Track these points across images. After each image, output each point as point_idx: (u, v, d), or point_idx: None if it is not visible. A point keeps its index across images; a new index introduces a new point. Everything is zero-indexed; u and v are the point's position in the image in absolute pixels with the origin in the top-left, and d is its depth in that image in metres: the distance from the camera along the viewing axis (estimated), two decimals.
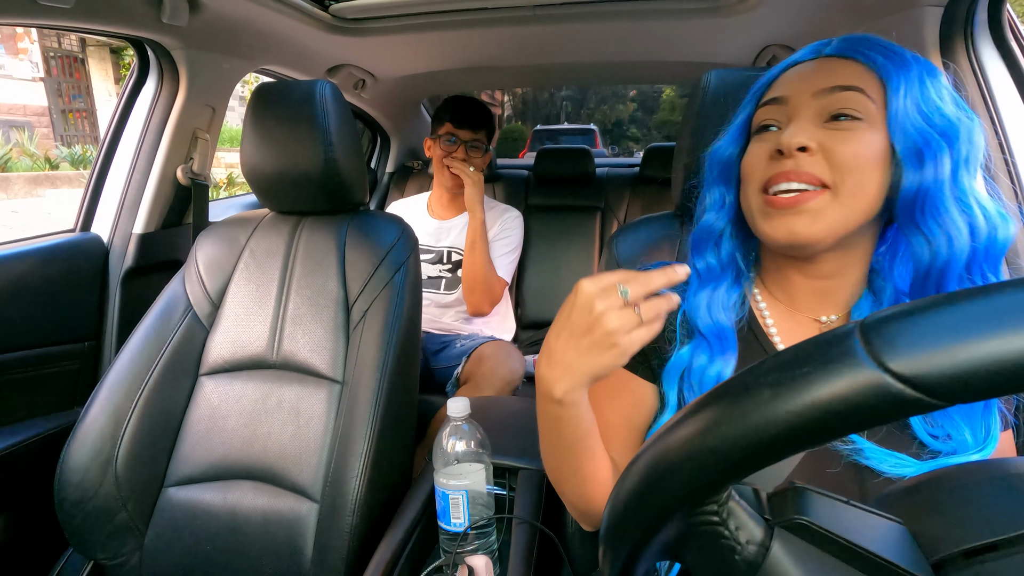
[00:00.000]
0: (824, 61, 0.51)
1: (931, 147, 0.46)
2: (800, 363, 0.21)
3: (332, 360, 0.92)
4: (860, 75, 0.48)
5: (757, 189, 0.51)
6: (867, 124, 0.47)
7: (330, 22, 1.34)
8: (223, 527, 0.87)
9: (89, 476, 0.86)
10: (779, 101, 0.51)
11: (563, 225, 2.06)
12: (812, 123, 0.48)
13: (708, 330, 0.55)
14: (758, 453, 0.22)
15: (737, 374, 0.25)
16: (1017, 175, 0.81)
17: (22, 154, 7.06)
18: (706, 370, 0.53)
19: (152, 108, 1.27)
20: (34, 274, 1.11)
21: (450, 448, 0.73)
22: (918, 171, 0.46)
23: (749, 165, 0.52)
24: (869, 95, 0.47)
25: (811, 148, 0.47)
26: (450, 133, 1.56)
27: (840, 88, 0.48)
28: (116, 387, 0.90)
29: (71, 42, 8.73)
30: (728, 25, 1.30)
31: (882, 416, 0.19)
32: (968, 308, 0.18)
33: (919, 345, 0.18)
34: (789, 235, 0.48)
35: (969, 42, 0.84)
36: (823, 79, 0.49)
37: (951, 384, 0.18)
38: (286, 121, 0.93)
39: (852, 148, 0.47)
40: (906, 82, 0.47)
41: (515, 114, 20.76)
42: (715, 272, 0.57)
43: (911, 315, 0.19)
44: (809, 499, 0.26)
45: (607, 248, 0.81)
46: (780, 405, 0.21)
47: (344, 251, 0.97)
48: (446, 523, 0.74)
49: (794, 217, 0.48)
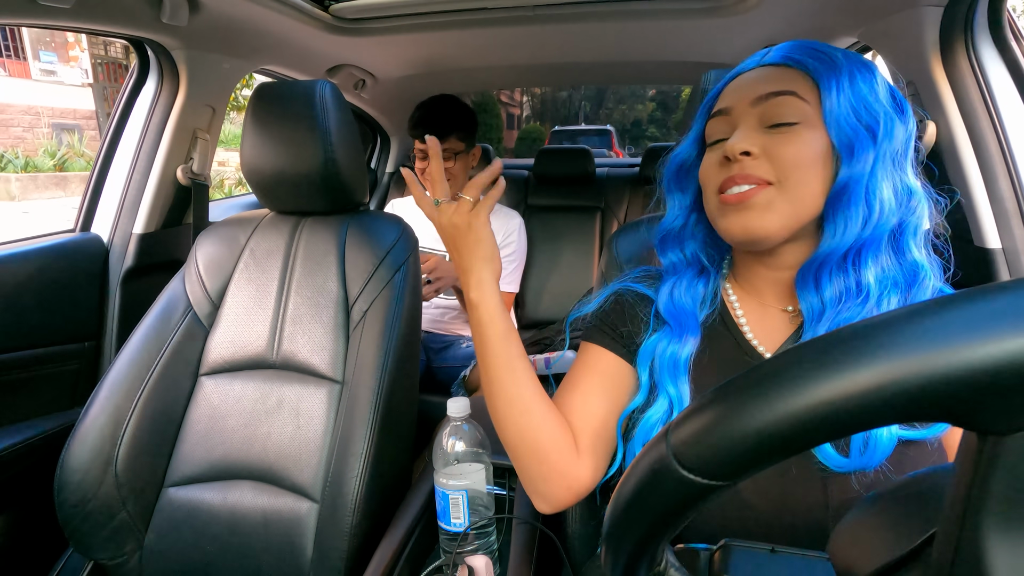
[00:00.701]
0: (762, 70, 0.54)
1: (859, 141, 0.49)
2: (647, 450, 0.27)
3: (332, 360, 0.92)
4: (794, 79, 0.51)
5: (713, 193, 0.55)
6: (804, 125, 0.50)
7: (330, 22, 1.34)
8: (223, 527, 0.87)
9: (89, 476, 0.86)
10: (723, 113, 0.55)
11: (563, 225, 2.06)
12: (754, 130, 0.52)
13: (668, 313, 0.59)
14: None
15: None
16: (1017, 175, 0.81)
17: (74, 155, 7.61)
18: (665, 351, 0.57)
19: (152, 108, 1.27)
20: (34, 274, 1.11)
21: (450, 448, 0.73)
22: (848, 165, 0.49)
23: (704, 174, 0.56)
24: (803, 97, 0.50)
25: (754, 152, 0.51)
26: (418, 149, 1.52)
27: (774, 94, 0.51)
28: (116, 387, 0.91)
29: (116, 50, 9.18)
30: (728, 25, 1.30)
31: (673, 498, 0.24)
32: (725, 404, 0.23)
33: (692, 440, 0.23)
34: (744, 229, 0.52)
35: (969, 42, 0.84)
36: (759, 87, 0.52)
37: (718, 468, 0.22)
38: (286, 121, 0.93)
39: (792, 148, 0.50)
40: (836, 82, 0.50)
41: (534, 114, 20.93)
42: (679, 267, 0.62)
43: (689, 416, 0.24)
44: (735, 555, 0.29)
45: (607, 248, 0.81)
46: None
47: (344, 251, 0.97)
48: (446, 523, 0.74)
49: (746, 212, 0.51)
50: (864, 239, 0.50)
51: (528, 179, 2.22)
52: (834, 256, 0.50)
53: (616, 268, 0.76)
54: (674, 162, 0.62)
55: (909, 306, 0.21)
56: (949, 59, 0.86)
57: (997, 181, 0.83)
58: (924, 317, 0.20)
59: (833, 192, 0.50)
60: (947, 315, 0.19)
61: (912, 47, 0.90)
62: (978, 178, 0.85)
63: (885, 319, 0.21)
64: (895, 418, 0.20)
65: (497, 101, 14.54)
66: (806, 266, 0.52)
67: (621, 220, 2.06)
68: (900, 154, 0.51)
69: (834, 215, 0.50)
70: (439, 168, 0.62)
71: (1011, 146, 0.81)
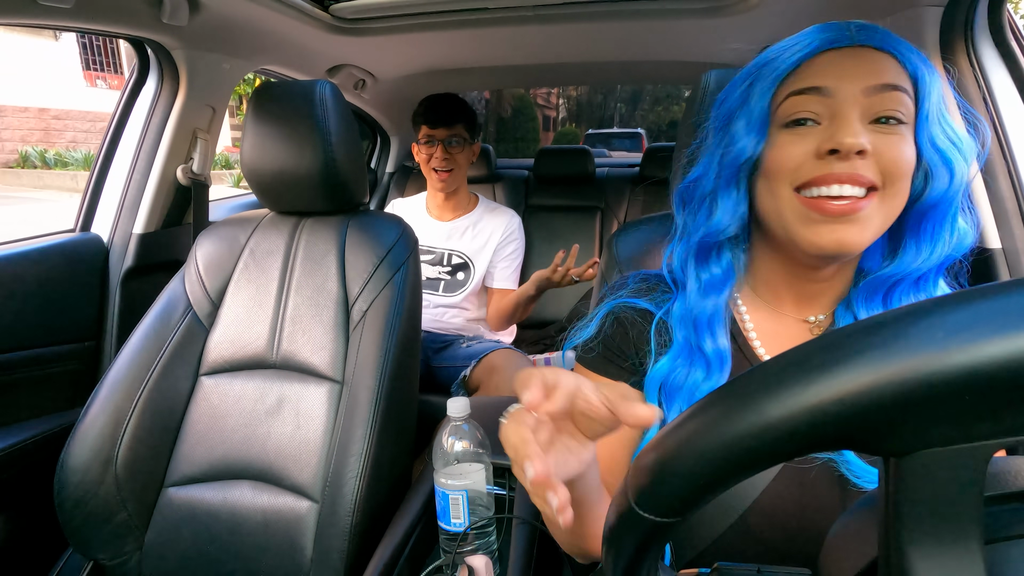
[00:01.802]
0: (865, 52, 0.46)
1: (954, 159, 0.45)
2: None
3: (332, 360, 0.92)
4: (900, 74, 0.45)
5: (791, 190, 0.47)
6: (907, 129, 0.45)
7: (330, 22, 1.33)
8: (223, 527, 0.87)
9: (89, 476, 0.86)
10: (820, 92, 0.46)
11: (563, 225, 2.06)
12: (860, 123, 0.45)
13: (713, 351, 0.51)
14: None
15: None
16: (1017, 175, 0.81)
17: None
18: (684, 382, 0.52)
19: (152, 108, 1.27)
20: (34, 274, 1.11)
21: (450, 448, 0.73)
22: (943, 182, 0.45)
23: (780, 161, 0.47)
24: (911, 96, 0.45)
25: (867, 151, 0.44)
26: (426, 135, 1.55)
27: (889, 87, 0.45)
28: (116, 387, 0.90)
29: None
30: (728, 25, 1.30)
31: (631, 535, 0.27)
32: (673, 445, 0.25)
33: (643, 485, 0.26)
34: (838, 245, 0.45)
35: (969, 42, 0.84)
36: (871, 75, 0.45)
37: (661, 507, 0.25)
38: (286, 121, 0.93)
39: (898, 152, 0.44)
40: (932, 87, 0.45)
41: (569, 116, 21.14)
42: (716, 282, 0.53)
43: (641, 465, 0.27)
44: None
45: (607, 248, 0.81)
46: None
47: (344, 251, 0.97)
48: (446, 523, 0.74)
49: (846, 226, 0.44)
50: (944, 262, 0.47)
51: (528, 179, 2.22)
52: (913, 276, 0.47)
53: (616, 268, 0.76)
54: (737, 155, 0.49)
55: (800, 346, 0.22)
56: (949, 59, 0.85)
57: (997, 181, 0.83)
58: (811, 356, 0.21)
59: (921, 208, 0.46)
60: (832, 352, 0.21)
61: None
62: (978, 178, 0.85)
63: (779, 362, 0.22)
64: (800, 450, 0.22)
65: (533, 104, 14.73)
66: (880, 280, 0.48)
67: (621, 220, 2.06)
68: (971, 177, 0.48)
69: (920, 235, 0.47)
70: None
71: (1011, 146, 0.81)
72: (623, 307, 0.58)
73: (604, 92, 18.60)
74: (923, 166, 0.46)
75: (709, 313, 0.53)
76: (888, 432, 0.20)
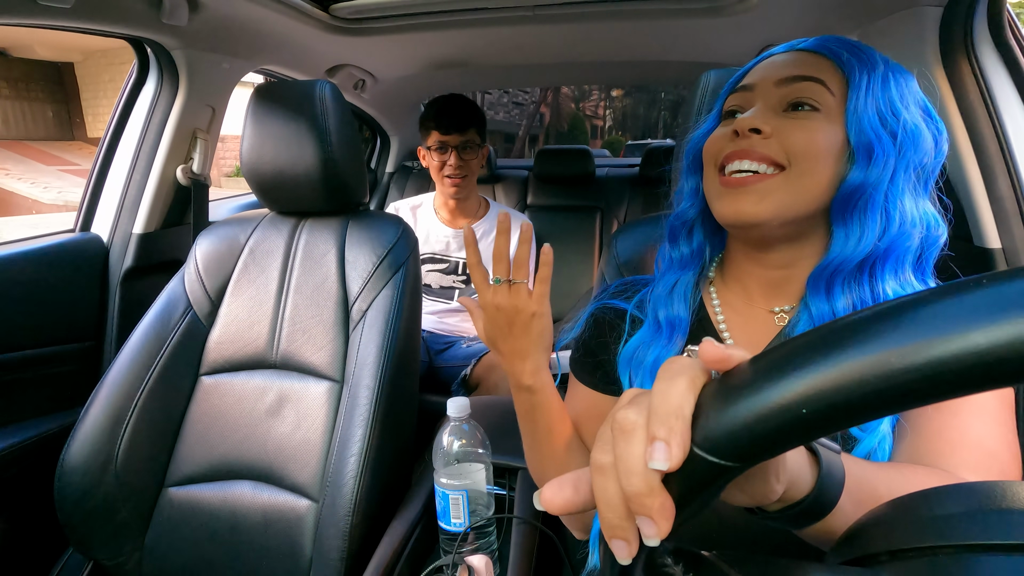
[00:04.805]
0: (795, 54, 0.52)
1: (879, 145, 0.47)
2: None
3: (332, 359, 0.92)
4: (824, 68, 0.50)
5: (714, 170, 0.53)
6: (824, 115, 0.48)
7: (330, 22, 1.33)
8: (223, 527, 0.87)
9: (89, 476, 0.86)
10: (746, 88, 0.53)
11: (563, 225, 2.06)
12: (772, 110, 0.50)
13: (666, 319, 0.56)
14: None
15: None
16: (1017, 175, 0.81)
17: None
18: (646, 357, 0.55)
19: (152, 108, 1.27)
20: (34, 274, 1.11)
21: (450, 448, 0.73)
22: (863, 168, 0.47)
23: (709, 146, 0.54)
24: (829, 88, 0.49)
25: (765, 131, 0.49)
26: (438, 142, 1.51)
27: (801, 78, 0.49)
28: (116, 387, 0.91)
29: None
30: (728, 25, 1.30)
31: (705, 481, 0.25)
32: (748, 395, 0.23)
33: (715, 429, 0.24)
34: (736, 214, 0.50)
35: (969, 42, 0.84)
36: (787, 69, 0.51)
37: (733, 451, 0.23)
38: (286, 121, 0.93)
39: (806, 135, 0.48)
40: (869, 80, 0.48)
41: (615, 125, 21.95)
42: (685, 260, 0.59)
43: (715, 407, 0.24)
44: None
45: (607, 248, 0.81)
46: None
47: (344, 251, 0.97)
48: (446, 523, 0.74)
49: (743, 196, 0.49)
50: (882, 251, 0.47)
51: (528, 179, 2.21)
52: (848, 264, 0.48)
53: (616, 268, 0.76)
54: (694, 143, 0.58)
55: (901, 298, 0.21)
56: (949, 59, 0.85)
57: (997, 181, 0.82)
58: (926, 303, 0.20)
59: (843, 193, 0.48)
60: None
61: (912, 47, 0.90)
62: (978, 178, 0.85)
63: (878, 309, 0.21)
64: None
65: (583, 116, 16.58)
66: (819, 270, 0.50)
67: (621, 220, 2.06)
68: (929, 171, 0.49)
69: (846, 219, 0.48)
70: (506, 245, 0.55)
71: (1011, 146, 0.81)
72: (602, 308, 0.63)
73: (647, 102, 19.88)
74: (850, 154, 0.48)
75: (671, 285, 0.58)
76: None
